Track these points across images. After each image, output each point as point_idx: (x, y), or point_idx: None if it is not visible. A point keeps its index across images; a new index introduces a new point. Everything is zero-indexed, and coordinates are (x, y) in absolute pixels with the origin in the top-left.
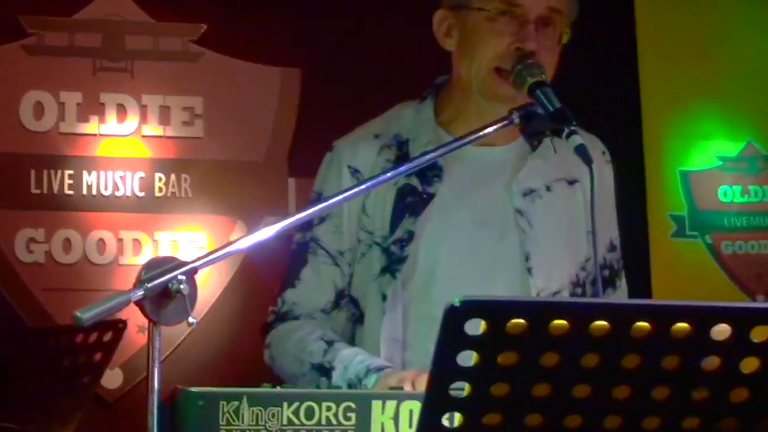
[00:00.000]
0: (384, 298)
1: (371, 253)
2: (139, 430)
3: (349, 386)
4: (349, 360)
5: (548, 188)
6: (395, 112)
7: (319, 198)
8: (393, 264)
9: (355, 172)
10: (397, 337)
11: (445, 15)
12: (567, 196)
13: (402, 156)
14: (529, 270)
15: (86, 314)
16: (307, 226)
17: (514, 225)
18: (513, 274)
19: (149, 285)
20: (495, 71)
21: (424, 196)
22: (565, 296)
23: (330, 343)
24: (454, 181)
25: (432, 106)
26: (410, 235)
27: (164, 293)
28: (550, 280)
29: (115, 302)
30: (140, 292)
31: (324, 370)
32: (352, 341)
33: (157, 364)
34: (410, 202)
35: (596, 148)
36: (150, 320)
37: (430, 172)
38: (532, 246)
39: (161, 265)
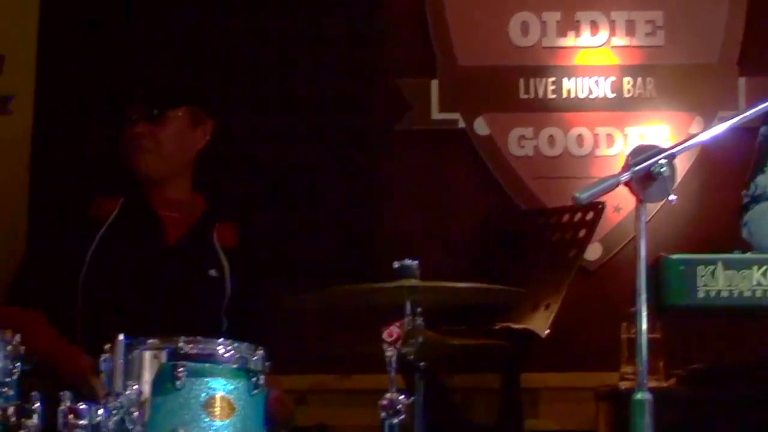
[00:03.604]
0: None
1: None
2: (617, 295)
3: None
4: None
5: None
6: None
7: None
8: None
9: None
10: None
11: None
12: None
13: None
14: None
15: (584, 195)
16: None
17: None
18: None
19: (636, 168)
20: None
21: None
22: None
23: None
24: None
25: None
26: None
27: (648, 175)
28: None
29: (608, 183)
30: (628, 175)
31: None
32: None
33: (643, 237)
34: None
35: None
36: (637, 198)
37: None
38: None
39: (645, 151)
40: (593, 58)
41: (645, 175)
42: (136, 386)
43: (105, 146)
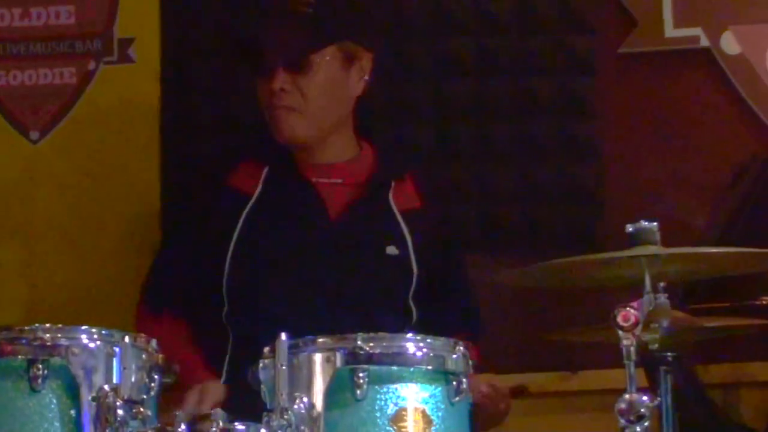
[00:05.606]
0: None
1: None
2: None
3: None
4: None
5: None
6: None
7: None
8: None
9: None
10: None
11: None
12: None
13: None
14: None
15: None
16: None
17: None
18: None
19: None
20: None
21: None
22: None
23: None
24: None
25: None
26: None
27: None
28: None
29: None
30: None
31: None
32: None
33: None
34: None
35: None
36: None
37: None
38: None
39: None
40: None
41: None
42: (306, 398)
43: (245, 101)
